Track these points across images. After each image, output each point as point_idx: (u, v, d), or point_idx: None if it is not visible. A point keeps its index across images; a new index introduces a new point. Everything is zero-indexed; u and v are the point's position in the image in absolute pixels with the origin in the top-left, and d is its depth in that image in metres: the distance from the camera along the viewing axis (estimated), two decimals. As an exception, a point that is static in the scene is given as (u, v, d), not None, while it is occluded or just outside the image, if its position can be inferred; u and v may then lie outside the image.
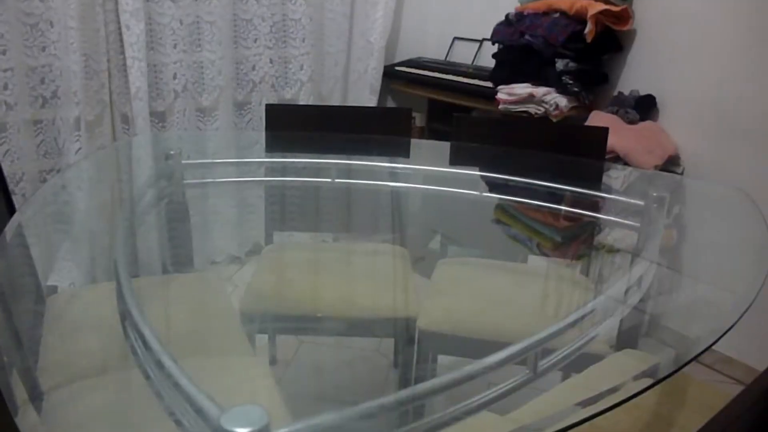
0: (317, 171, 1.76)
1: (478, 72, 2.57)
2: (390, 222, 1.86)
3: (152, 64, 2.44)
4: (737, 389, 0.71)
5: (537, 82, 2.24)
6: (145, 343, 0.82)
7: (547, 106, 2.18)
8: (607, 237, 1.57)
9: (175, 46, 2.45)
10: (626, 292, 1.08)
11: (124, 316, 0.92)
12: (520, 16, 2.34)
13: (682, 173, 2.11)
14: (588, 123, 2.20)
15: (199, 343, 1.22)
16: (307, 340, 2.06)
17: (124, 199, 1.61)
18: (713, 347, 0.89)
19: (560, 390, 1.01)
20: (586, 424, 0.72)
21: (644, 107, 2.19)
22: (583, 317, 0.95)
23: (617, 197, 1.58)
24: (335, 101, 2.97)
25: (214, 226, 2.62)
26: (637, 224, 1.39)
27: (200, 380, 0.70)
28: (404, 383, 1.58)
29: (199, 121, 2.64)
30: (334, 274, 1.59)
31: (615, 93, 2.29)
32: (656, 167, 2.00)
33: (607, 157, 2.00)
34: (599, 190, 1.63)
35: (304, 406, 1.05)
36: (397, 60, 3.04)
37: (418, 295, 1.45)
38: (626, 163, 2.01)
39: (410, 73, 2.81)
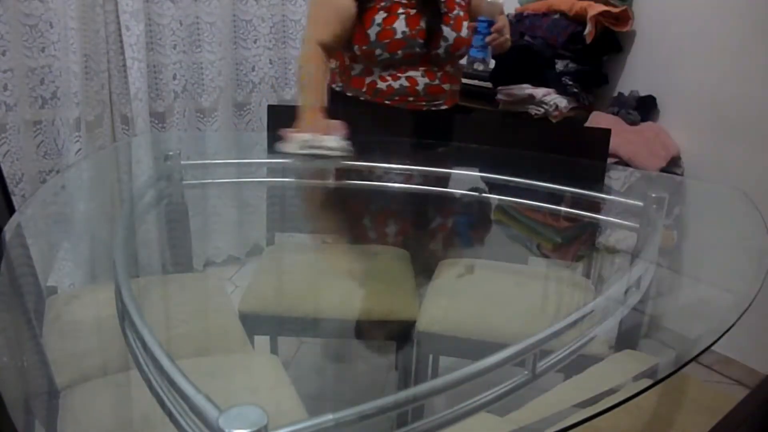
0: (318, 172, 1.76)
1: (477, 73, 2.57)
2: (390, 223, 1.86)
3: (152, 64, 2.44)
4: (737, 390, 0.71)
5: (537, 83, 2.24)
6: (144, 344, 0.82)
7: (546, 107, 2.18)
8: (608, 238, 1.57)
9: (174, 47, 2.46)
10: (626, 292, 1.08)
11: (124, 316, 0.92)
12: (519, 17, 2.34)
13: (682, 174, 2.11)
14: (589, 124, 2.20)
15: (198, 343, 1.22)
16: (307, 340, 2.06)
17: (124, 200, 1.61)
18: (712, 348, 0.89)
19: (560, 391, 1.01)
20: (586, 424, 0.72)
21: (645, 108, 2.19)
22: (582, 318, 0.95)
23: (617, 198, 1.58)
24: (335, 102, 2.97)
25: (214, 227, 2.62)
26: (637, 225, 1.39)
27: (199, 381, 0.70)
28: (404, 384, 1.58)
29: (198, 121, 2.64)
30: (334, 275, 1.59)
31: (615, 94, 2.29)
32: (660, 169, 2.01)
33: (612, 161, 2.00)
34: (599, 191, 1.63)
35: (303, 407, 1.04)
36: (397, 61, 3.04)
37: (418, 296, 1.45)
38: (630, 166, 2.01)
39: (410, 73, 2.81)
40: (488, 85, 2.42)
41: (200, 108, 2.63)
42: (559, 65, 2.20)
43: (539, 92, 2.20)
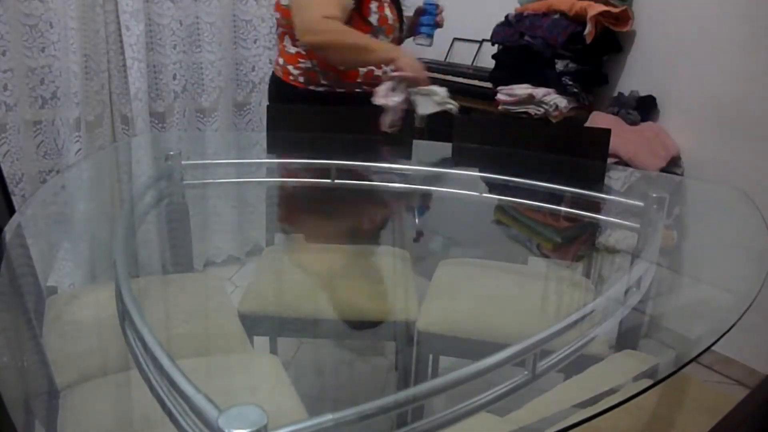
0: (318, 172, 1.76)
1: (477, 73, 2.57)
2: (390, 223, 1.86)
3: (152, 64, 2.44)
4: (737, 390, 0.71)
5: (537, 82, 2.24)
6: (144, 344, 0.82)
7: (546, 107, 2.18)
8: (608, 238, 1.57)
9: (174, 47, 2.46)
10: (626, 292, 1.08)
11: (124, 316, 0.92)
12: (519, 17, 2.34)
13: (682, 174, 2.11)
14: (589, 124, 2.20)
15: (198, 343, 1.22)
16: (307, 340, 2.06)
17: (124, 200, 1.61)
18: (713, 348, 0.89)
19: (560, 391, 1.01)
20: (586, 425, 0.72)
21: (645, 108, 2.19)
22: (582, 318, 0.95)
23: (617, 198, 1.58)
24: (335, 102, 2.97)
25: (214, 227, 2.62)
26: (637, 225, 1.39)
27: (199, 381, 0.70)
28: (404, 384, 1.58)
29: (198, 121, 2.64)
30: (334, 275, 1.59)
31: (615, 94, 2.29)
32: (660, 169, 2.01)
33: (612, 161, 2.00)
34: (599, 191, 1.63)
35: (303, 407, 1.04)
36: (397, 61, 3.04)
37: (418, 296, 1.45)
38: (630, 167, 2.01)
39: (410, 73, 2.81)
40: (488, 85, 2.43)
41: (200, 108, 2.63)
42: (559, 65, 2.20)
43: (539, 92, 2.20)
